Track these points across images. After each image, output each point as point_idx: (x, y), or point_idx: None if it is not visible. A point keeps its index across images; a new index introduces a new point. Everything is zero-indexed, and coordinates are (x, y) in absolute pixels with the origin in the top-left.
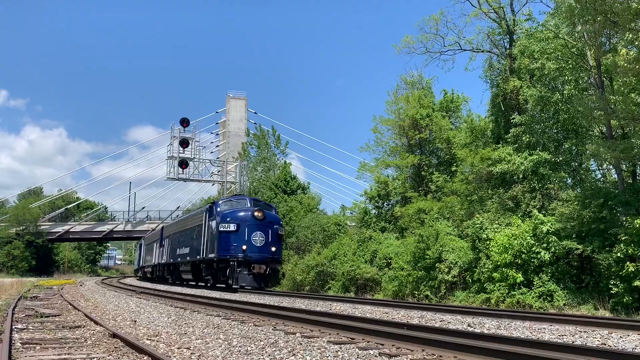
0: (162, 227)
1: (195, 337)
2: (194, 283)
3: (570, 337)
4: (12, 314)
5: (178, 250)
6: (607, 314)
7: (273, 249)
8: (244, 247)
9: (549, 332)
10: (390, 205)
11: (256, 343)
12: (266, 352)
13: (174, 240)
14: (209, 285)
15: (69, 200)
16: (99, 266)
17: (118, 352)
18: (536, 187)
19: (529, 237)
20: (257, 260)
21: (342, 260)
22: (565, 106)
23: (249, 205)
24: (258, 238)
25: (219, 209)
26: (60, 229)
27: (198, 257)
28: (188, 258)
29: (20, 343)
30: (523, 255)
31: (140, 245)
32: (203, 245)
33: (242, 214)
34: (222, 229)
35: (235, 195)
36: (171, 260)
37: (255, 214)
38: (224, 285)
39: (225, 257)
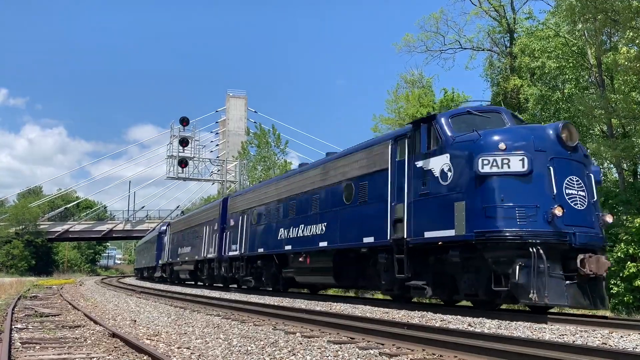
0: (224, 200)
1: (195, 337)
2: (356, 296)
3: (570, 337)
4: (12, 313)
5: (282, 231)
6: (608, 314)
7: (607, 218)
8: (556, 211)
9: (549, 332)
10: None
11: (256, 343)
12: (266, 351)
13: (268, 217)
14: (414, 300)
15: (68, 199)
16: (98, 266)
17: (118, 352)
18: None
19: None
20: (587, 243)
21: None
22: (565, 105)
23: (509, 121)
24: (576, 192)
25: (449, 132)
26: (60, 228)
27: (368, 239)
28: (323, 244)
29: (20, 342)
30: None
31: (158, 236)
32: (396, 213)
33: (529, 136)
34: (484, 171)
35: (463, 107)
36: (260, 250)
37: (563, 135)
38: (468, 304)
39: (499, 235)
